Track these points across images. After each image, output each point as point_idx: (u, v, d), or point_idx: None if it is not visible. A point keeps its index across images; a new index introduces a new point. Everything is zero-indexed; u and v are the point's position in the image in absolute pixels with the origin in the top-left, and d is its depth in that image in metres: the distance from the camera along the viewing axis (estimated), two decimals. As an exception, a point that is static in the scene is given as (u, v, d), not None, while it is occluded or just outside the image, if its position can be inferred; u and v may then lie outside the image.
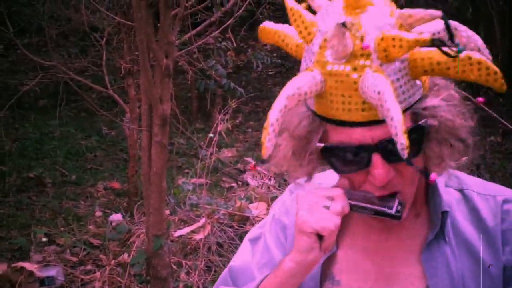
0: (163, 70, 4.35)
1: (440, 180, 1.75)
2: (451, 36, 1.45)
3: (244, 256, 1.97)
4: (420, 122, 1.53)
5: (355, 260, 1.80)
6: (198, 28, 5.47)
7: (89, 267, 6.12)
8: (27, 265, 5.69)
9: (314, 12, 1.59)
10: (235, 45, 7.90)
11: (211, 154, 6.38)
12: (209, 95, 9.97)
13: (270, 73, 13.83)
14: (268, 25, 1.70)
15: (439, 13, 1.45)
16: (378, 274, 1.77)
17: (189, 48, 5.88)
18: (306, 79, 1.50)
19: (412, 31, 1.48)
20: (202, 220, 6.30)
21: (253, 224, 5.88)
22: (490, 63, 1.43)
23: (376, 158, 1.54)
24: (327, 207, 1.60)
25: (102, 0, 7.73)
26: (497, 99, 10.86)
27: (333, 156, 1.61)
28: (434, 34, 1.46)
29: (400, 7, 1.54)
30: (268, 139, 1.48)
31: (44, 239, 6.59)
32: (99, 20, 7.83)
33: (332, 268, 1.81)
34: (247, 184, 7.74)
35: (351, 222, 1.81)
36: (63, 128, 10.32)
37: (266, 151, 1.50)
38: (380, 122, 1.47)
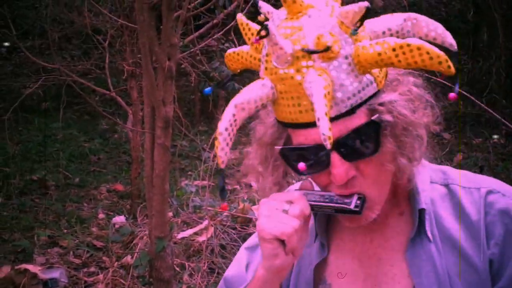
0: (165, 73, 4.35)
1: (424, 176, 1.76)
2: (359, 25, 1.48)
3: (239, 265, 1.97)
4: (373, 118, 1.53)
5: (344, 263, 1.81)
6: (201, 30, 5.48)
7: (92, 269, 6.13)
8: (30, 267, 5.69)
9: None
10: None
11: (214, 156, 6.38)
12: (212, 97, 9.98)
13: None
14: (230, 51, 1.72)
15: (366, 3, 1.46)
16: (366, 275, 1.77)
17: (191, 50, 5.89)
18: (255, 88, 1.52)
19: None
20: (205, 222, 6.30)
21: (255, 226, 5.88)
22: (429, 47, 1.41)
23: (334, 157, 1.54)
24: (286, 211, 1.60)
25: (105, 3, 7.75)
26: (500, 101, 10.87)
27: (293, 159, 1.61)
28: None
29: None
30: (220, 148, 1.51)
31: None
32: (102, 23, 7.84)
33: (324, 272, 1.82)
34: (250, 186, 7.74)
35: (339, 227, 1.83)
36: (66, 130, 10.34)
37: (220, 160, 1.53)
38: (337, 118, 1.48)
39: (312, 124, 1.48)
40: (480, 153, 9.62)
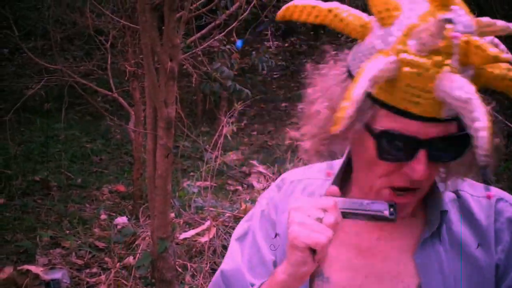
0: (167, 73, 4.36)
1: (438, 180, 1.75)
2: None
3: (234, 258, 1.95)
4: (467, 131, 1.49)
5: (346, 258, 1.80)
6: (203, 31, 5.48)
7: (94, 270, 6.13)
8: (32, 268, 5.70)
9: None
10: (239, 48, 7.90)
11: (216, 157, 6.39)
12: (215, 98, 9.98)
13: (275, 76, 13.83)
14: (309, 2, 1.64)
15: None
16: (369, 271, 1.77)
17: (193, 51, 5.89)
18: (384, 63, 1.48)
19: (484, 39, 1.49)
20: (207, 223, 6.30)
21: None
22: None
23: (422, 154, 1.53)
24: (320, 220, 1.56)
25: (107, 4, 7.76)
26: (501, 101, 10.85)
27: (385, 142, 1.57)
28: None
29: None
30: (348, 112, 1.46)
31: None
32: (104, 24, 7.84)
33: (322, 266, 1.76)
34: (252, 187, 7.75)
35: (343, 221, 1.81)
36: (68, 131, 10.33)
37: (341, 125, 1.48)
38: (440, 121, 1.49)
39: (420, 118, 1.49)
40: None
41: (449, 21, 1.43)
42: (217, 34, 6.16)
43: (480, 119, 1.40)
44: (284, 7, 1.67)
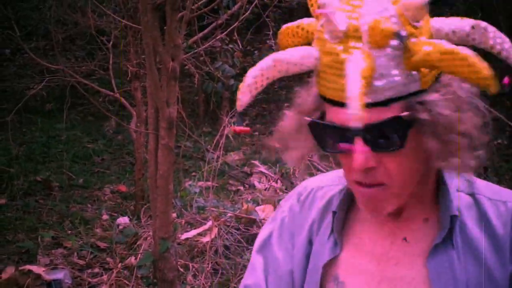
0: (169, 73, 4.35)
1: (452, 184, 1.73)
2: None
3: (255, 272, 1.94)
4: (402, 114, 1.49)
5: (360, 263, 1.78)
6: (205, 31, 5.48)
7: (96, 270, 6.13)
8: (34, 268, 5.70)
9: None
10: (241, 47, 7.91)
11: (218, 157, 6.39)
12: (216, 98, 9.98)
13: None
14: (288, 25, 1.68)
15: None
16: (383, 277, 1.75)
17: (195, 51, 5.89)
18: (301, 52, 1.52)
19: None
20: (209, 223, 6.30)
21: (259, 227, 5.88)
22: (475, 61, 1.39)
23: (358, 141, 1.51)
24: None
25: (109, 4, 7.76)
26: (503, 102, 10.86)
27: (320, 133, 1.60)
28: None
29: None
30: (242, 91, 1.51)
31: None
32: (105, 24, 7.85)
33: (337, 270, 1.79)
34: (254, 187, 7.74)
35: (359, 226, 1.81)
36: (70, 131, 10.35)
37: (238, 103, 1.52)
38: (369, 106, 1.45)
39: (345, 104, 1.47)
40: (485, 148, 9.59)
41: (322, 5, 1.47)
42: (219, 34, 6.15)
43: (348, 88, 1.40)
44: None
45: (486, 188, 1.76)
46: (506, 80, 1.48)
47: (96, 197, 8.03)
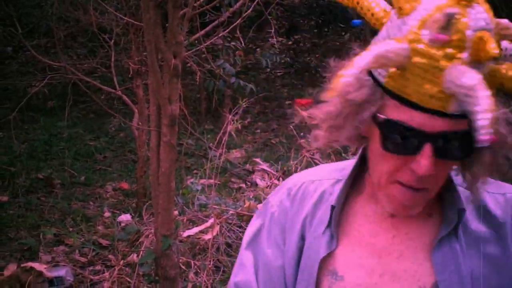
0: (171, 71, 4.35)
1: (456, 177, 1.73)
2: None
3: (245, 268, 1.93)
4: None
5: (360, 257, 1.78)
6: (207, 29, 5.47)
7: (98, 267, 6.14)
8: (36, 265, 5.70)
9: None
10: (243, 45, 7.91)
11: (220, 154, 6.39)
12: (218, 96, 9.98)
13: (278, 74, 13.83)
14: None
15: None
16: (385, 270, 1.75)
17: (197, 48, 5.89)
18: (395, 47, 1.47)
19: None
20: (211, 220, 6.30)
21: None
22: None
23: (428, 148, 1.51)
24: None
25: (111, 1, 7.76)
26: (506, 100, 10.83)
27: (388, 132, 1.57)
28: None
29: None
30: (350, 73, 1.47)
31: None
32: (107, 21, 7.84)
33: (335, 264, 1.78)
34: (256, 185, 7.75)
35: (356, 220, 1.81)
36: (71, 129, 10.35)
37: (342, 83, 1.48)
38: (447, 115, 1.47)
39: (428, 110, 1.47)
40: None
41: (454, 15, 1.42)
42: (220, 32, 6.15)
43: (481, 104, 1.39)
44: None
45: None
46: None
47: (98, 194, 8.04)
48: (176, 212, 6.15)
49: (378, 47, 1.47)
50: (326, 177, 1.87)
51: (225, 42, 8.31)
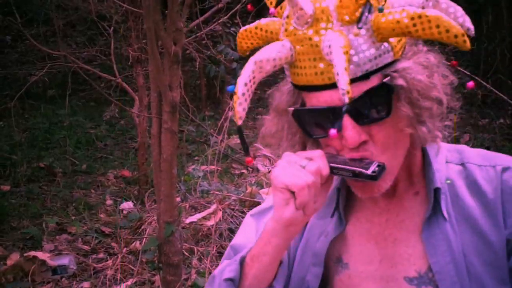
0: (171, 57, 4.34)
1: (440, 156, 1.76)
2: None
3: (246, 232, 1.98)
4: (384, 80, 1.53)
5: (360, 243, 1.81)
6: (206, 15, 5.46)
7: (101, 255, 6.14)
8: (39, 254, 5.71)
9: None
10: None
11: (221, 141, 6.38)
12: (218, 82, 9.96)
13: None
14: (245, 28, 1.72)
15: None
16: (382, 256, 1.77)
17: (197, 34, 5.88)
18: (275, 48, 1.53)
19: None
20: (213, 207, 6.30)
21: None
22: (447, 20, 1.42)
23: (346, 120, 1.54)
24: (303, 166, 1.59)
25: (109, -12, 7.73)
26: (506, 82, 10.84)
27: (305, 121, 1.62)
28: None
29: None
30: (238, 103, 1.51)
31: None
32: (106, 9, 7.82)
33: (341, 251, 1.82)
34: (258, 170, 7.74)
35: (357, 206, 1.83)
36: (72, 117, 10.35)
37: (238, 116, 1.51)
38: (351, 81, 1.46)
39: (327, 86, 1.51)
40: (486, 134, 9.61)
41: None
42: (220, 18, 6.13)
43: (336, 63, 1.41)
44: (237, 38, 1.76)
45: (476, 155, 1.79)
46: (469, 84, 1.51)
47: (100, 182, 8.04)
48: (178, 199, 6.15)
49: (254, 55, 1.53)
50: None
51: (224, 28, 8.28)
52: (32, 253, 5.77)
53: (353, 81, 1.47)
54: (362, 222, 1.82)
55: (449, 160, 1.77)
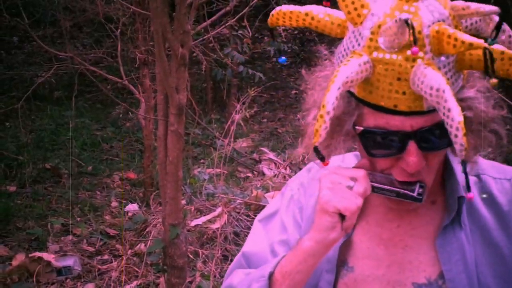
0: (178, 60, 4.35)
1: (457, 165, 1.73)
2: (496, 36, 1.47)
3: (256, 239, 1.97)
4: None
5: (368, 247, 1.79)
6: (213, 18, 5.46)
7: (105, 257, 6.15)
8: (44, 255, 5.72)
9: None
10: (250, 33, 7.89)
11: (227, 144, 6.38)
12: (225, 85, 9.96)
13: (285, 63, 13.79)
14: (288, 8, 1.64)
15: (495, 9, 1.45)
16: (391, 261, 1.76)
17: (204, 37, 5.88)
18: (357, 66, 1.48)
19: (462, 23, 1.50)
20: (219, 210, 6.31)
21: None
22: None
23: (412, 146, 1.53)
24: (350, 188, 1.58)
25: (117, -10, 7.74)
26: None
27: (369, 140, 1.59)
28: (486, 40, 1.44)
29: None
30: (324, 127, 1.47)
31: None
32: (114, 11, 7.82)
33: (347, 255, 1.80)
34: (263, 174, 7.74)
35: (365, 210, 1.80)
36: (78, 119, 10.34)
37: (319, 138, 1.48)
38: (423, 113, 1.48)
39: (402, 113, 1.49)
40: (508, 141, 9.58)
41: (406, 22, 1.41)
42: (228, 21, 6.13)
43: (452, 111, 1.39)
44: (270, 15, 1.68)
45: (491, 167, 1.78)
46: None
47: (105, 184, 8.04)
48: (183, 201, 6.15)
49: (340, 75, 1.47)
50: (348, 163, 1.87)
51: (232, 31, 8.29)
52: (37, 254, 5.78)
53: (430, 112, 1.48)
54: (372, 226, 1.80)
55: (466, 171, 1.76)
